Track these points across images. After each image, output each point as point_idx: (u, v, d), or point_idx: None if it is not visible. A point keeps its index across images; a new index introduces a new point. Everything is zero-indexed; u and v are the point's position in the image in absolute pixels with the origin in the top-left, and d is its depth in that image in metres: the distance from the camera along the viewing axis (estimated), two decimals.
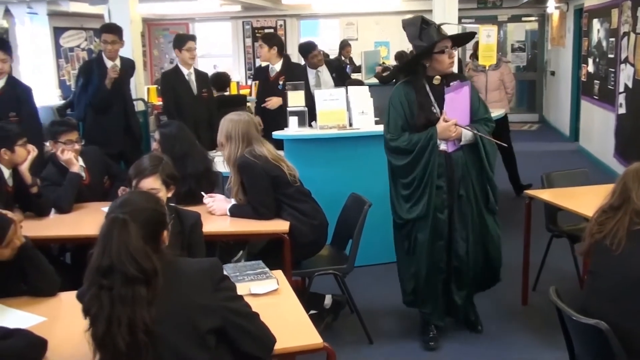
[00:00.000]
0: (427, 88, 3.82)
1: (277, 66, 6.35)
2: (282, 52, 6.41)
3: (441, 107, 3.79)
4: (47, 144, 4.51)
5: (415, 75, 3.85)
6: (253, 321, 2.19)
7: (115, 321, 1.92)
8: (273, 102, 6.25)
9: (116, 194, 4.33)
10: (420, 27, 3.77)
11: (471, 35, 4.05)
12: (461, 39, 4.03)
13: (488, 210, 3.91)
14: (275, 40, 6.41)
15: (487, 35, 7.43)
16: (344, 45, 11.80)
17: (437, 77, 3.82)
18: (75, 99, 6.19)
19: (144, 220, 2.05)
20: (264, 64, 6.76)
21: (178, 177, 3.37)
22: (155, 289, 1.97)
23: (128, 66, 6.13)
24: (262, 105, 6.37)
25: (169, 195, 3.25)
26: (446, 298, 4.00)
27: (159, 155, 3.45)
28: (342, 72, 8.49)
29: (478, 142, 3.80)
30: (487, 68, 7.56)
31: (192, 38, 6.24)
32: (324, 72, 7.08)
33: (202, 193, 4.02)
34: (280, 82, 6.25)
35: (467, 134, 3.79)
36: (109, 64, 5.83)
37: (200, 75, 6.22)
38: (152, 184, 3.16)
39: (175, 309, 2.02)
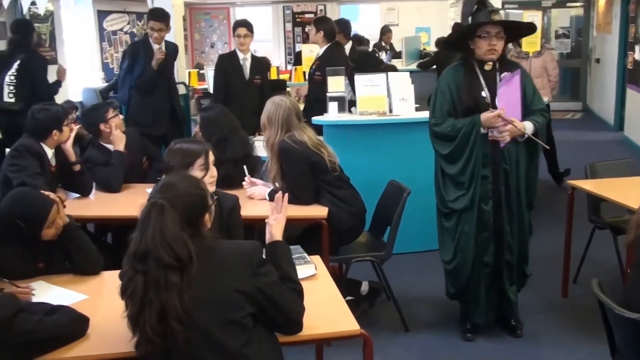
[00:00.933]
0: (478, 72, 3.67)
1: (321, 51, 6.25)
2: (330, 37, 6.22)
3: (491, 93, 3.64)
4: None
5: (466, 57, 3.73)
6: (290, 304, 2.19)
7: (147, 305, 1.95)
8: (302, 91, 6.21)
9: (155, 176, 4.40)
10: (475, 7, 3.63)
11: (530, 27, 3.86)
12: (517, 29, 3.82)
13: (528, 207, 3.79)
14: (325, 25, 6.25)
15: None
16: (385, 32, 11.71)
17: (489, 63, 3.65)
18: (119, 81, 6.27)
19: (183, 205, 2.06)
20: (315, 48, 6.70)
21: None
22: (189, 277, 1.98)
23: (171, 50, 6.19)
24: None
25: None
26: (497, 295, 3.86)
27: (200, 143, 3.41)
28: (368, 60, 8.23)
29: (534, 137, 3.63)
30: (530, 55, 7.43)
31: (243, 24, 6.12)
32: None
33: (245, 170, 4.02)
34: (313, 67, 6.21)
35: (529, 128, 3.60)
36: (155, 46, 5.92)
37: (256, 61, 6.21)
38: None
39: (212, 294, 2.03)
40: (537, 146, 3.68)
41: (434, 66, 9.38)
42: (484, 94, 3.66)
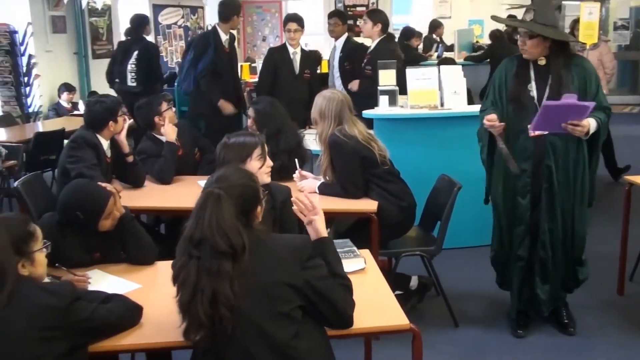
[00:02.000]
0: (531, 65, 3.60)
1: (372, 45, 6.15)
2: (384, 30, 6.16)
3: (540, 89, 3.56)
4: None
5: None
6: (339, 299, 2.19)
7: (199, 291, 1.98)
8: (352, 85, 6.10)
9: (206, 167, 4.47)
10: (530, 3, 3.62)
11: (552, 34, 3.59)
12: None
13: (581, 206, 3.67)
14: (381, 17, 6.17)
15: (588, 13, 7.10)
16: (436, 26, 11.61)
17: (542, 58, 3.56)
18: (183, 72, 6.45)
19: (238, 196, 2.10)
20: (366, 42, 6.64)
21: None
22: (240, 266, 2.01)
23: (233, 39, 6.46)
24: (348, 88, 6.18)
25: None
26: (530, 290, 3.81)
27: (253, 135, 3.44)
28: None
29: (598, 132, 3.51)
30: (587, 47, 7.24)
31: (294, 19, 6.19)
32: (339, 48, 6.70)
33: (297, 163, 4.05)
34: (365, 61, 6.13)
35: (593, 125, 3.45)
36: (223, 37, 6.15)
37: (306, 55, 6.24)
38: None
39: (262, 285, 2.05)
40: (597, 143, 3.58)
41: (488, 59, 9.24)
42: (529, 87, 3.59)
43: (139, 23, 7.72)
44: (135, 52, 7.46)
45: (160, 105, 4.45)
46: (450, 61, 7.31)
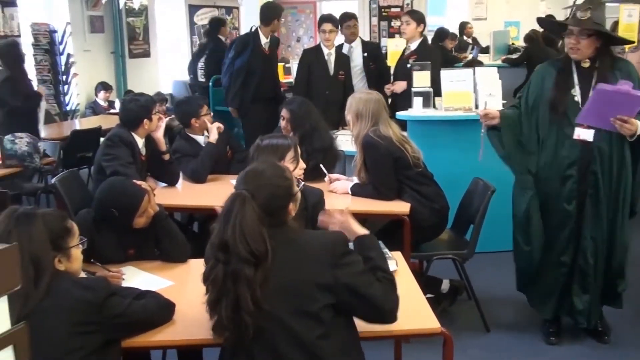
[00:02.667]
0: (574, 68, 3.53)
1: (413, 45, 6.05)
2: (423, 31, 6.17)
3: (584, 93, 3.47)
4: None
5: (565, 53, 3.58)
6: (378, 293, 2.13)
7: (224, 294, 1.99)
8: (396, 87, 5.99)
9: (238, 166, 4.50)
10: (573, 3, 3.54)
11: (613, 36, 3.63)
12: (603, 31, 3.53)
13: (622, 216, 3.56)
14: (423, 17, 6.14)
15: (628, 15, 6.98)
16: (464, 27, 11.60)
17: (586, 60, 3.49)
18: (224, 68, 6.70)
19: (266, 196, 2.08)
20: (401, 43, 6.60)
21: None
22: (264, 272, 1.99)
23: (274, 43, 6.65)
24: (385, 88, 6.12)
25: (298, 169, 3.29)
26: (568, 298, 3.72)
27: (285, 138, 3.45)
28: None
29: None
30: (626, 51, 7.12)
31: (328, 20, 6.20)
32: (356, 49, 6.63)
33: (322, 167, 4.05)
34: (410, 61, 6.08)
35: None
36: (263, 39, 6.39)
37: (340, 57, 6.25)
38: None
39: (290, 284, 2.03)
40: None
41: (524, 62, 9.15)
42: (573, 92, 3.52)
43: (214, 25, 8.68)
44: (207, 51, 8.33)
45: (201, 109, 4.50)
46: (478, 64, 7.24)
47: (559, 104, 3.51)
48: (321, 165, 4.06)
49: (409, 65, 5.94)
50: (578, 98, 3.51)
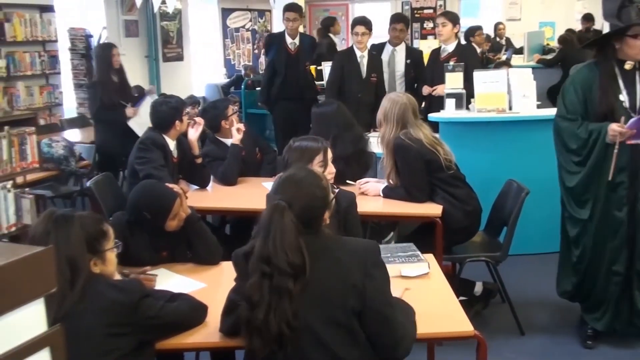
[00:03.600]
0: (617, 71, 3.42)
1: (450, 47, 6.00)
2: (458, 32, 6.14)
3: (631, 96, 3.38)
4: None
5: (604, 56, 3.47)
6: (398, 319, 2.09)
7: (272, 310, 1.97)
8: (439, 90, 5.86)
9: (267, 167, 4.52)
10: (621, 4, 3.36)
11: None
12: None
13: None
14: (458, 18, 6.08)
15: None
16: (495, 27, 11.50)
17: (630, 62, 3.39)
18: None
19: (303, 206, 2.07)
20: (434, 45, 6.58)
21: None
22: (302, 283, 1.99)
23: (307, 43, 6.76)
24: (426, 92, 6.07)
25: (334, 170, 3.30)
26: (628, 305, 3.59)
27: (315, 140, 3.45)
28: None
29: None
30: None
31: (361, 22, 6.14)
32: (399, 54, 6.53)
33: (350, 182, 4.05)
34: (451, 64, 6.03)
35: None
36: (289, 40, 6.51)
37: (373, 59, 6.23)
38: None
39: (323, 294, 2.02)
40: None
41: (559, 63, 9.04)
42: (622, 97, 3.42)
43: (325, 24, 9.49)
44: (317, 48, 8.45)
45: (227, 110, 4.53)
46: (508, 65, 7.15)
47: (612, 111, 3.39)
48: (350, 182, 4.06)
49: (450, 68, 5.89)
50: (627, 104, 3.41)
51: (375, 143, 4.42)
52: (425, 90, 6.03)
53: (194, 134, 4.27)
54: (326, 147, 3.24)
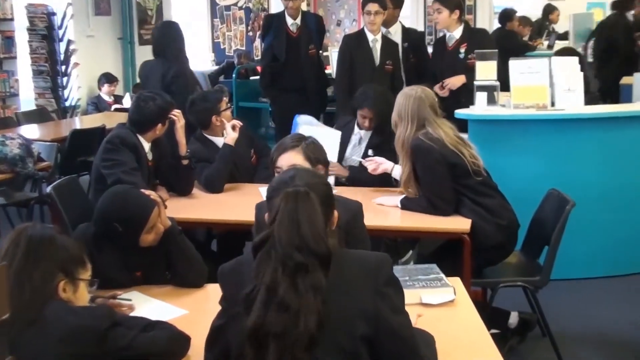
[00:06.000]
0: None
1: (457, 33, 6.02)
2: (462, 17, 6.12)
3: None
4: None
5: None
6: (417, 342, 2.10)
7: (303, 313, 1.92)
8: (453, 82, 5.90)
9: (264, 173, 4.50)
10: None
11: None
12: None
13: None
14: (455, 2, 6.06)
15: None
16: (551, 10, 11.45)
17: None
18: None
19: (322, 196, 2.09)
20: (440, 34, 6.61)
21: (326, 159, 3.39)
22: (326, 277, 1.98)
23: (313, 21, 6.80)
24: (440, 87, 5.99)
25: None
26: None
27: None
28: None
29: None
30: None
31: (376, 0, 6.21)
32: (394, 37, 6.48)
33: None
34: (462, 51, 6.03)
35: None
36: (289, 21, 6.56)
37: (388, 44, 6.23)
38: (292, 158, 3.19)
39: (330, 317, 1.99)
40: None
41: None
42: None
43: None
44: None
45: (220, 103, 4.53)
46: (569, 52, 7.13)
47: None
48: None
49: (461, 56, 5.90)
50: None
51: None
52: (440, 91, 5.98)
53: (179, 132, 4.26)
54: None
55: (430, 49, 6.88)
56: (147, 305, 2.78)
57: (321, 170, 3.23)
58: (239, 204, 4.09)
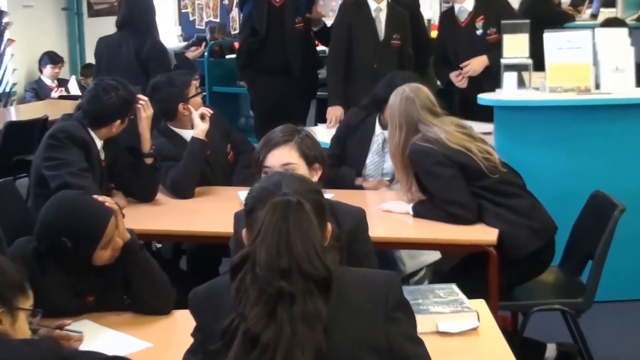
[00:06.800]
0: None
1: (468, 4, 6.03)
2: None
3: None
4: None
5: None
6: None
7: (298, 350, 1.94)
8: (474, 66, 5.92)
9: (243, 173, 4.50)
10: None
11: None
12: None
13: None
14: None
15: None
16: None
17: None
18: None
19: (313, 207, 2.07)
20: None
21: (324, 157, 3.39)
22: (329, 303, 1.99)
23: None
24: (460, 82, 6.07)
25: (315, 179, 3.29)
26: None
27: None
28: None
29: None
30: None
31: None
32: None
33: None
34: (479, 26, 6.02)
35: None
36: None
37: (395, 13, 6.23)
38: (285, 155, 3.19)
39: (332, 349, 2.01)
40: None
41: None
42: None
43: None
44: None
45: (188, 88, 4.53)
46: (617, 22, 7.14)
47: None
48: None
49: (479, 32, 5.90)
50: None
51: None
52: (457, 80, 5.99)
53: (144, 123, 4.27)
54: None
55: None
56: (101, 336, 2.79)
57: (318, 171, 3.25)
58: (214, 211, 4.10)
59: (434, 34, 8.19)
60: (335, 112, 5.89)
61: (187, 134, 4.50)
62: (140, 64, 5.52)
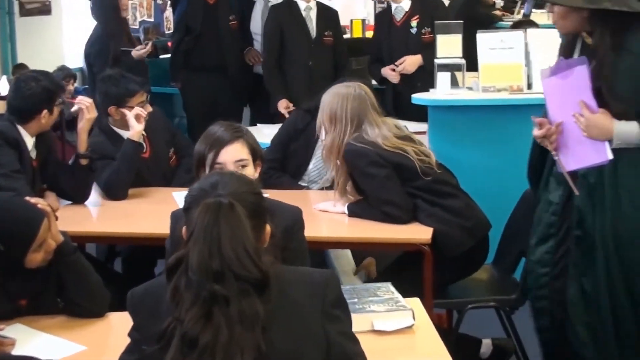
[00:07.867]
0: (578, 43, 3.60)
1: (405, 4, 6.09)
2: None
3: None
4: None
5: None
6: None
7: (237, 351, 1.94)
8: (408, 63, 5.97)
9: (184, 177, 4.47)
10: None
11: None
12: None
13: None
14: None
15: None
16: None
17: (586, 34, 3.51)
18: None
19: (248, 209, 2.07)
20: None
21: (262, 153, 3.40)
22: (267, 303, 1.99)
23: None
24: (393, 77, 6.09)
25: (256, 175, 3.29)
26: None
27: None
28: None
29: None
30: None
31: None
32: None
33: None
34: (414, 25, 6.09)
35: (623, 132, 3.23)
36: None
37: (325, 11, 6.30)
38: (239, 152, 3.18)
39: (275, 352, 2.02)
40: None
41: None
42: None
43: None
44: None
45: (131, 98, 4.46)
46: (528, 24, 7.25)
47: None
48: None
49: (413, 31, 5.96)
50: None
51: None
52: (390, 74, 6.04)
53: (83, 122, 4.23)
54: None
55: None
56: (34, 340, 2.76)
57: (258, 167, 3.25)
58: (149, 213, 4.08)
59: (369, 34, 8.28)
60: (283, 105, 5.93)
61: (125, 132, 4.46)
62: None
